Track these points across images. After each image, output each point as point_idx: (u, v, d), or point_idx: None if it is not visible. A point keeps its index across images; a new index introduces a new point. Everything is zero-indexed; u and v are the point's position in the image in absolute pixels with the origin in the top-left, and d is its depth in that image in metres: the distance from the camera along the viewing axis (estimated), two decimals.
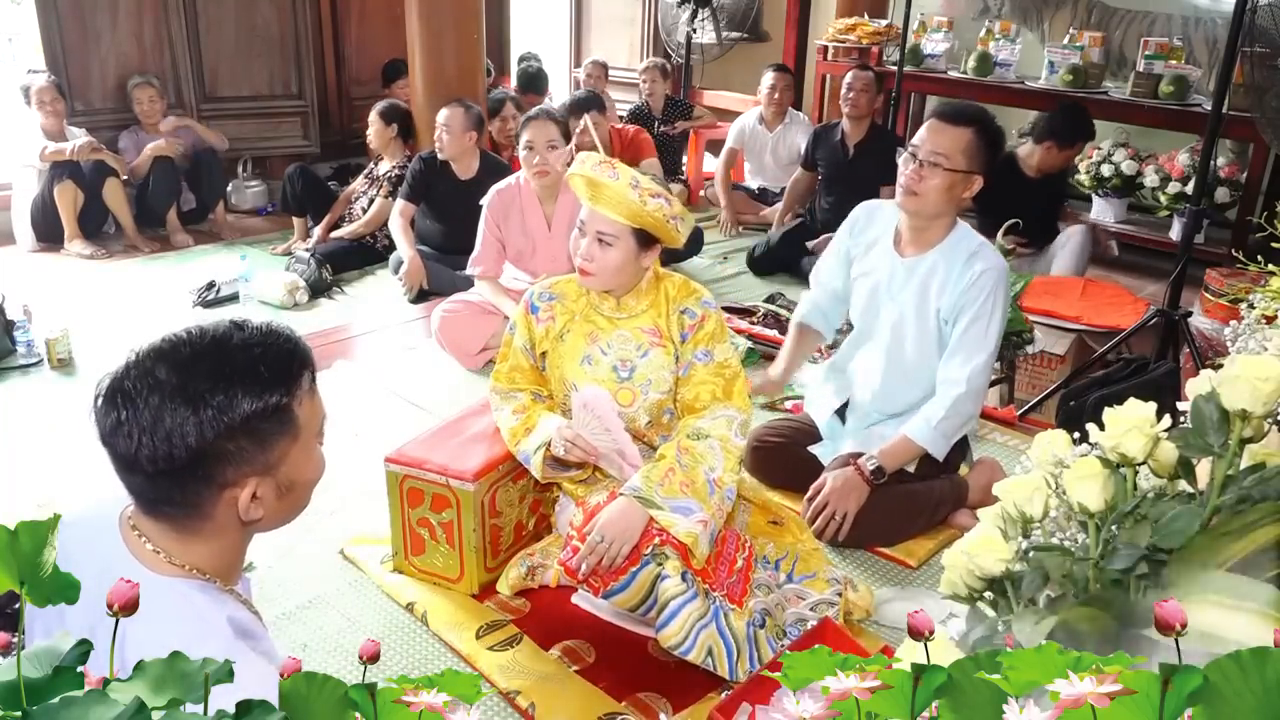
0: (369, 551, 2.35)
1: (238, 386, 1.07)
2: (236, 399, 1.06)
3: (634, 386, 2.08)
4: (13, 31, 5.94)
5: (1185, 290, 3.26)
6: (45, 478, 2.74)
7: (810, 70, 7.01)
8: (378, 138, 4.76)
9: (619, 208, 1.98)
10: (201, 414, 1.05)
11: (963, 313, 2.36)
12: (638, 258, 2.04)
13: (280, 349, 1.13)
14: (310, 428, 1.16)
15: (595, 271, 2.03)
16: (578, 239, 2.05)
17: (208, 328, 1.13)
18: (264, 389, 1.09)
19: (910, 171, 2.34)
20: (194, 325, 1.13)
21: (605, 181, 1.97)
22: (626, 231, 2.00)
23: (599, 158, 2.00)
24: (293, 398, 1.12)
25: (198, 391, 1.05)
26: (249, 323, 1.15)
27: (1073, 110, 4.36)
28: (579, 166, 2.02)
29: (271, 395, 1.09)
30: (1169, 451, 1.12)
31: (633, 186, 1.96)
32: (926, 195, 2.33)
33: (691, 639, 1.83)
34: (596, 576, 1.91)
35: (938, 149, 2.31)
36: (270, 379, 1.10)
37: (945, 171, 2.31)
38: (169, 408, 1.04)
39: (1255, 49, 3.41)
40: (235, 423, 1.06)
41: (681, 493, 1.91)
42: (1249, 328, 1.78)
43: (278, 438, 1.11)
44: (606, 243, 2.01)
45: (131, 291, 4.34)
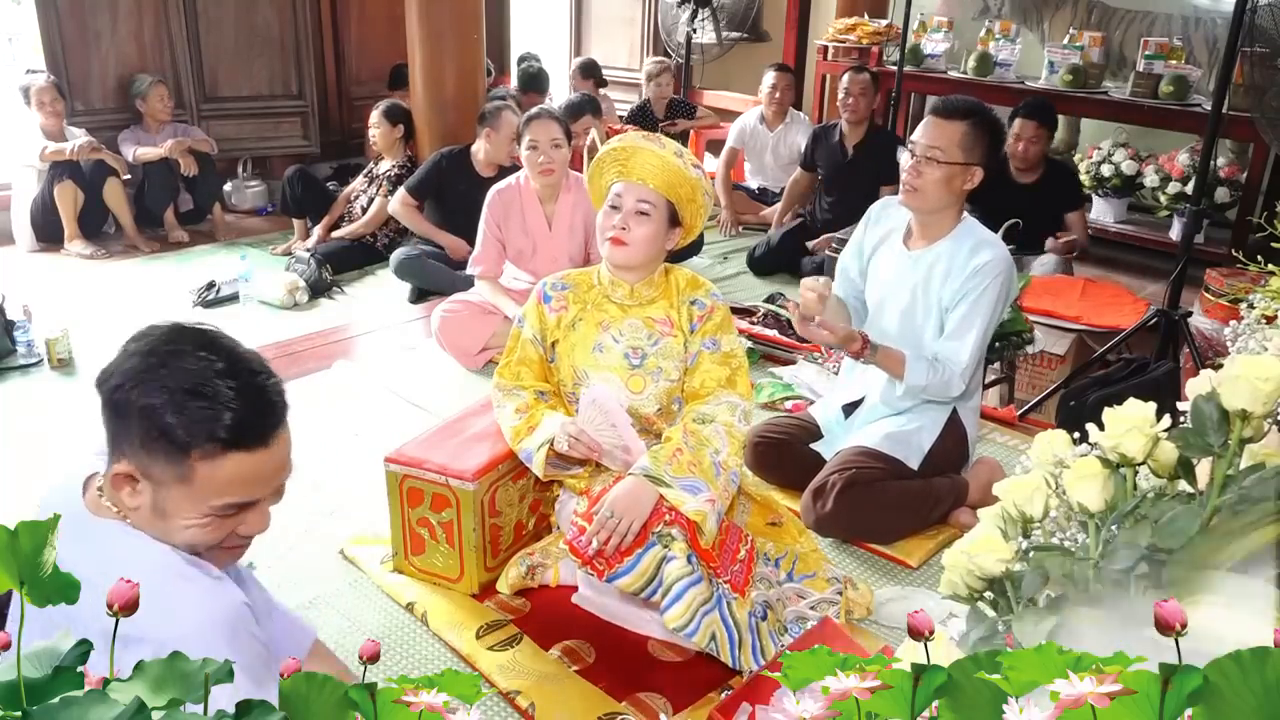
0: (369, 551, 2.35)
1: (179, 396, 1.07)
2: (163, 398, 1.07)
3: (645, 374, 2.11)
4: (13, 31, 5.94)
5: (1185, 290, 3.26)
6: (45, 478, 2.74)
7: (810, 70, 7.01)
8: (383, 139, 4.76)
9: (656, 175, 2.06)
10: (146, 374, 1.09)
11: (963, 299, 2.37)
12: (665, 236, 2.11)
13: (247, 410, 1.10)
14: (209, 493, 1.11)
15: (630, 242, 2.07)
16: (610, 214, 2.10)
17: (228, 344, 1.14)
18: (185, 417, 1.07)
19: (909, 168, 2.36)
20: (228, 339, 1.15)
21: (651, 148, 2.06)
22: (663, 203, 2.08)
23: (645, 133, 2.13)
24: (197, 450, 1.09)
25: (160, 364, 1.09)
26: (254, 366, 1.14)
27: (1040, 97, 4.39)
28: (623, 140, 2.10)
29: (181, 428, 1.08)
30: (1169, 451, 1.12)
31: (678, 155, 2.08)
32: (925, 190, 2.35)
33: (696, 622, 1.83)
34: (602, 559, 1.90)
35: (933, 143, 2.33)
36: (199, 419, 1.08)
37: (942, 165, 2.33)
38: (143, 351, 1.10)
39: (1255, 49, 3.41)
40: (148, 410, 1.08)
41: (689, 472, 1.93)
42: (1249, 328, 1.78)
43: (165, 464, 1.10)
44: (645, 213, 2.07)
45: (131, 291, 4.34)
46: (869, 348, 2.35)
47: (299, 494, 2.63)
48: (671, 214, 2.10)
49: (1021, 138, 4.12)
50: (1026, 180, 4.19)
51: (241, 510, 1.15)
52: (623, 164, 2.09)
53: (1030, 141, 4.12)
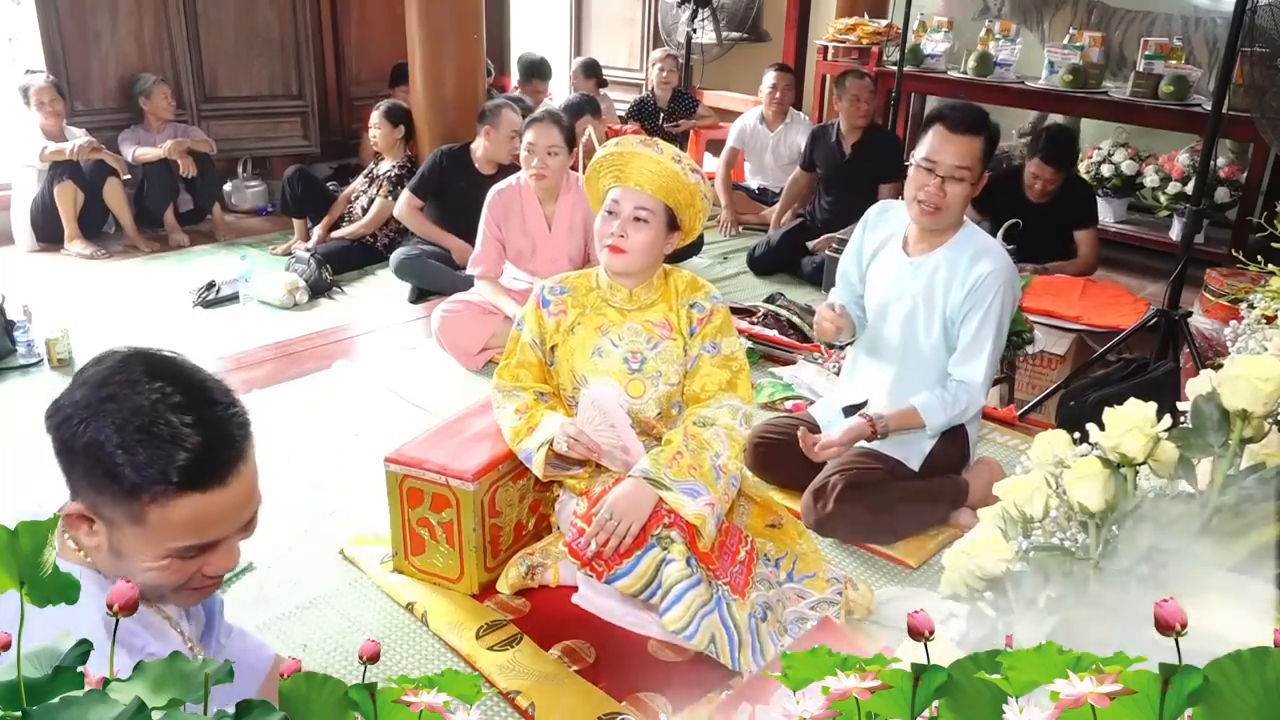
0: (369, 551, 2.35)
1: (129, 433, 0.99)
2: (111, 436, 1.00)
3: (644, 378, 2.10)
4: (13, 31, 5.94)
5: (1185, 290, 3.26)
6: (45, 478, 2.73)
7: (810, 70, 7.01)
8: (384, 140, 4.75)
9: (653, 181, 2.03)
10: (94, 407, 1.01)
11: (970, 314, 2.38)
12: (664, 241, 2.09)
13: (202, 449, 1.01)
14: (164, 536, 1.03)
15: (628, 249, 2.05)
16: (608, 220, 2.07)
17: (187, 372, 1.06)
18: (133, 457, 0.99)
19: (933, 188, 2.33)
20: (188, 365, 1.07)
21: (649, 155, 2.03)
22: (661, 208, 2.05)
23: (640, 137, 2.09)
24: (146, 493, 1.00)
25: (108, 398, 1.01)
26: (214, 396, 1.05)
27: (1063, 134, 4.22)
28: (619, 144, 2.07)
29: (130, 469, 0.99)
30: (1169, 451, 1.12)
31: (675, 160, 2.04)
32: (951, 208, 2.36)
33: (695, 625, 1.83)
34: (601, 560, 1.90)
35: (961, 162, 2.31)
36: (149, 461, 0.99)
37: (966, 182, 2.33)
38: (93, 382, 1.03)
39: (1255, 49, 3.42)
40: (95, 448, 1.00)
41: (689, 475, 1.93)
42: (1249, 328, 1.78)
43: (114, 506, 1.02)
44: (643, 220, 2.05)
45: (131, 291, 4.34)
46: (879, 428, 2.38)
47: (299, 494, 2.63)
48: (670, 219, 2.08)
49: (1040, 178, 3.96)
50: (1040, 201, 4.01)
51: (203, 551, 1.07)
52: (619, 170, 2.06)
53: (1049, 182, 3.96)
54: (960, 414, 2.42)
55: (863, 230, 2.63)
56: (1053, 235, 4.01)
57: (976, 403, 2.43)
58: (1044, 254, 3.95)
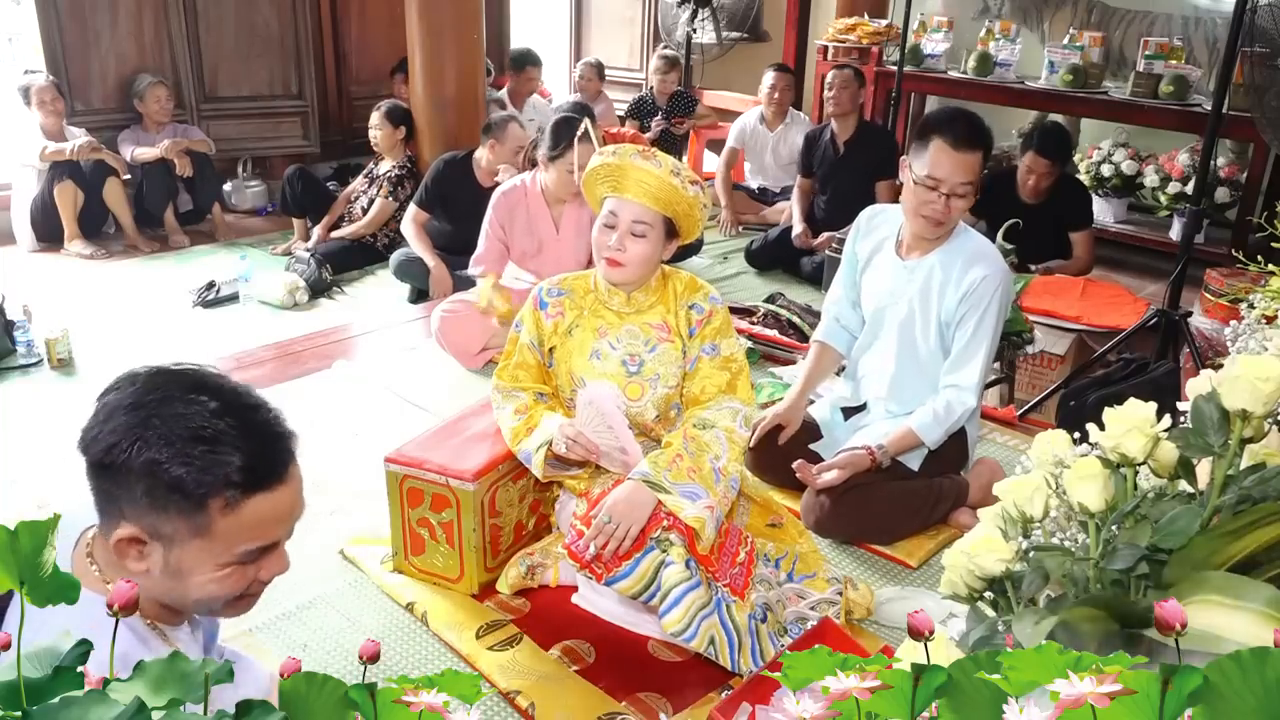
0: (369, 551, 2.35)
1: (182, 445, 1.00)
2: (165, 451, 1.00)
3: (643, 381, 2.10)
4: (13, 31, 5.93)
5: (1185, 290, 3.26)
6: (45, 478, 2.74)
7: (810, 70, 7.00)
8: (385, 140, 4.75)
9: (650, 192, 2.01)
10: (139, 428, 1.01)
11: (965, 320, 2.39)
12: (662, 249, 2.08)
13: (256, 448, 1.04)
14: (232, 540, 1.05)
15: (626, 263, 2.04)
16: (606, 232, 2.05)
17: (215, 382, 1.07)
18: (193, 466, 1.01)
19: (939, 205, 2.33)
20: (213, 375, 1.08)
21: (646, 168, 2.00)
22: (659, 220, 2.04)
23: (638, 147, 2.05)
24: (215, 499, 1.02)
25: (150, 415, 1.02)
26: (249, 401, 1.07)
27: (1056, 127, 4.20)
28: (617, 154, 2.03)
29: (192, 479, 1.01)
30: (1169, 451, 1.12)
31: (674, 173, 2.01)
32: (954, 218, 2.39)
33: (694, 627, 1.83)
34: (600, 562, 1.90)
35: (965, 179, 2.32)
36: (209, 465, 1.01)
37: (971, 195, 2.36)
38: (126, 406, 1.03)
39: (1255, 49, 3.42)
40: (152, 465, 1.01)
41: (689, 478, 1.92)
42: (1249, 328, 1.78)
43: (178, 520, 1.03)
44: (640, 234, 2.03)
45: (131, 291, 4.34)
46: (879, 459, 2.39)
47: None
48: (669, 227, 2.06)
49: (1034, 171, 3.92)
50: (1034, 201, 3.98)
51: (262, 554, 1.10)
52: (616, 181, 2.03)
53: (1042, 176, 3.92)
54: (956, 422, 2.44)
55: (855, 237, 2.63)
56: (1048, 236, 3.98)
57: (971, 408, 2.44)
58: (1039, 255, 3.93)
